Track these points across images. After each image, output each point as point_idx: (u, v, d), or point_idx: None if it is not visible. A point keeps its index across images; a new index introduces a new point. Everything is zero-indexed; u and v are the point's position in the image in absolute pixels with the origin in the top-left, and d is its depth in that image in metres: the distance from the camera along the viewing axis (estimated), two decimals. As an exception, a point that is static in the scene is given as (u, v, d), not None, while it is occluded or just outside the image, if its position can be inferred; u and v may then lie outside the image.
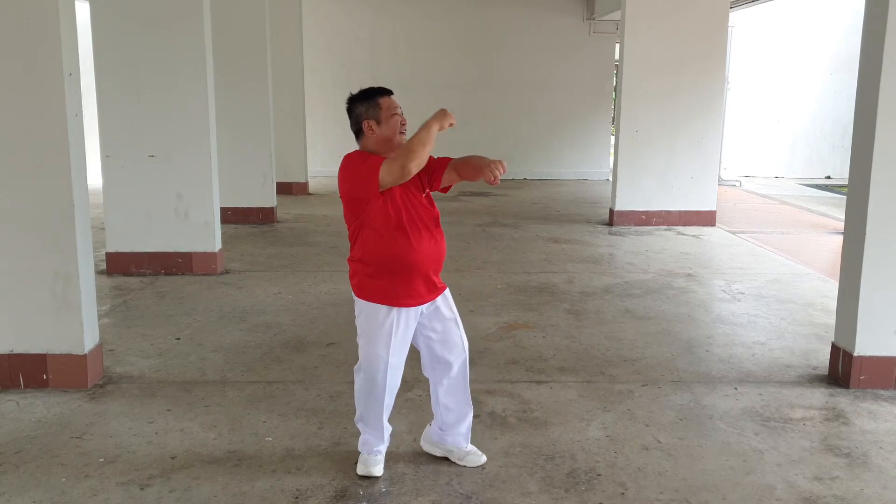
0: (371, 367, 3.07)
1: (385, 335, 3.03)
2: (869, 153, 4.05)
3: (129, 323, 5.24)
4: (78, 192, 3.99)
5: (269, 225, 8.90)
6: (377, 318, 3.03)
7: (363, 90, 3.11)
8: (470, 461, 3.27)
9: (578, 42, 13.53)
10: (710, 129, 9.05)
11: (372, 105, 3.05)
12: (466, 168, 3.06)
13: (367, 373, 3.09)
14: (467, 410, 3.27)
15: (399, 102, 3.10)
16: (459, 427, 3.26)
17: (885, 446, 3.53)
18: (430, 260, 3.04)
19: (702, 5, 8.82)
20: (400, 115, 3.07)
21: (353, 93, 3.13)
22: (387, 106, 3.05)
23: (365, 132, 3.07)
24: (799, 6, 13.91)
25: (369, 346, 3.06)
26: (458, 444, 3.28)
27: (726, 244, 8.18)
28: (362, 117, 3.06)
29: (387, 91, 3.10)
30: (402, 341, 3.07)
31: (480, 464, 3.27)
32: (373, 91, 3.09)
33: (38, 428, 3.60)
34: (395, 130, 3.05)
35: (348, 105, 3.11)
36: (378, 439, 3.19)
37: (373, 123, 3.04)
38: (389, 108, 3.05)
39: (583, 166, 13.90)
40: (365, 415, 3.16)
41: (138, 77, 6.21)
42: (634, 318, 5.43)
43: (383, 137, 3.05)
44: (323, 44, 13.16)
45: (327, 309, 5.57)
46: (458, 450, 3.29)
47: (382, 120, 3.04)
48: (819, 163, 14.68)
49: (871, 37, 4.07)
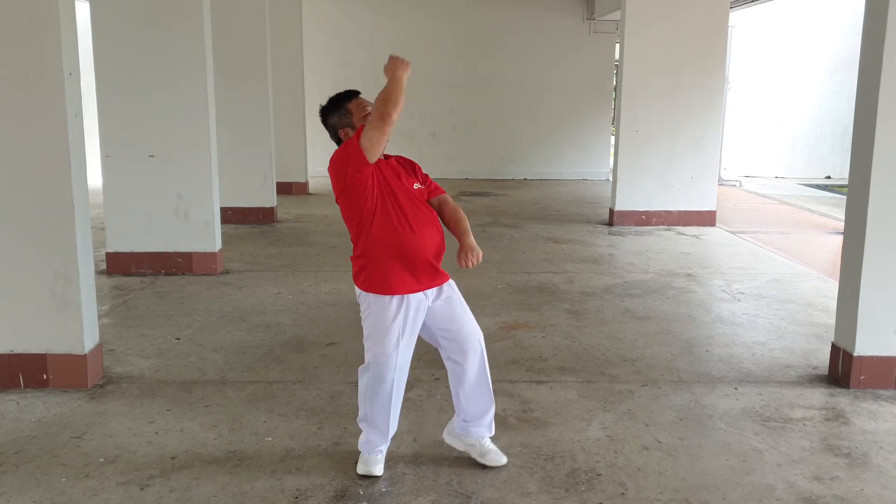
0: (379, 365, 3.06)
1: (393, 329, 3.03)
2: (869, 153, 4.05)
3: (129, 323, 5.24)
4: (78, 192, 3.99)
5: (269, 225, 8.90)
6: (384, 312, 3.03)
7: (331, 99, 3.16)
8: (491, 460, 3.25)
9: (578, 42, 13.53)
10: (710, 129, 9.05)
11: (342, 113, 3.11)
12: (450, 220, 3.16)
13: (374, 371, 3.08)
14: (489, 402, 3.26)
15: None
16: (483, 419, 3.26)
17: (885, 446, 3.53)
18: (429, 244, 3.06)
19: (702, 5, 8.82)
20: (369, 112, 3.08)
21: (322, 104, 3.18)
22: (356, 108, 3.10)
23: (343, 140, 3.11)
24: (799, 6, 13.90)
25: (378, 345, 3.06)
26: (482, 434, 3.27)
27: (726, 244, 8.18)
28: (337, 127, 3.13)
29: (353, 93, 3.14)
30: (409, 335, 3.08)
31: (501, 464, 3.25)
32: (339, 98, 3.13)
33: (38, 428, 3.60)
34: None
35: (321, 118, 3.16)
36: (381, 439, 3.18)
37: (348, 130, 3.10)
38: (360, 110, 3.09)
39: (583, 166, 13.90)
40: (370, 414, 3.15)
41: (138, 77, 6.21)
42: (634, 318, 5.43)
43: None
44: (323, 44, 13.15)
45: (327, 309, 5.57)
46: (480, 444, 3.27)
47: (355, 124, 3.08)
48: (819, 163, 14.67)
49: (871, 37, 4.07)
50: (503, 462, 3.27)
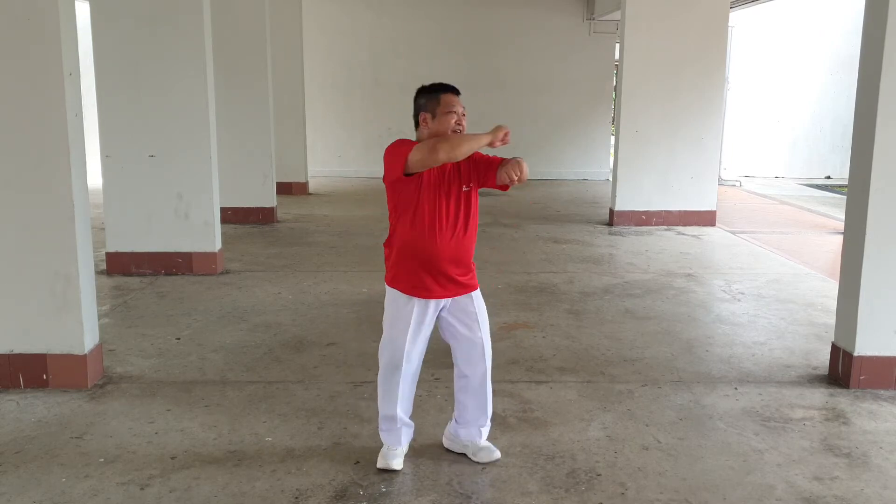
0: (390, 350, 3.17)
1: (404, 323, 3.12)
2: (869, 153, 4.05)
3: (129, 323, 5.24)
4: (78, 192, 3.98)
5: (269, 225, 8.89)
6: (398, 306, 3.13)
7: (434, 84, 3.16)
8: (482, 456, 3.29)
9: (578, 42, 13.53)
10: (710, 129, 9.05)
11: (432, 99, 3.10)
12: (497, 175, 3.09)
13: (388, 355, 3.18)
14: (483, 415, 3.31)
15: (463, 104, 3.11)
16: (474, 425, 3.31)
17: (885, 446, 3.53)
18: (449, 256, 3.08)
19: (702, 5, 8.82)
20: (457, 115, 3.08)
21: (425, 84, 3.18)
22: (445, 102, 3.08)
23: (420, 123, 3.12)
24: (799, 6, 13.90)
25: (391, 330, 3.17)
26: (473, 438, 3.32)
27: (726, 244, 8.18)
28: (421, 109, 3.12)
29: (452, 88, 3.13)
30: (419, 332, 3.14)
31: (493, 459, 3.29)
32: (439, 87, 3.14)
33: (38, 428, 3.60)
34: (448, 128, 3.06)
35: (416, 95, 3.16)
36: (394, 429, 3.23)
37: (428, 116, 3.09)
38: (447, 105, 3.07)
39: (583, 166, 13.90)
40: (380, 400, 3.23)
41: (138, 77, 6.21)
42: (634, 318, 5.43)
43: (435, 132, 3.07)
44: (323, 44, 13.15)
45: (327, 309, 5.57)
46: (473, 444, 3.32)
47: (438, 114, 3.07)
48: (819, 163, 14.67)
49: (871, 37, 4.07)
50: (496, 456, 3.30)
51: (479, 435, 3.33)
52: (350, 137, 13.55)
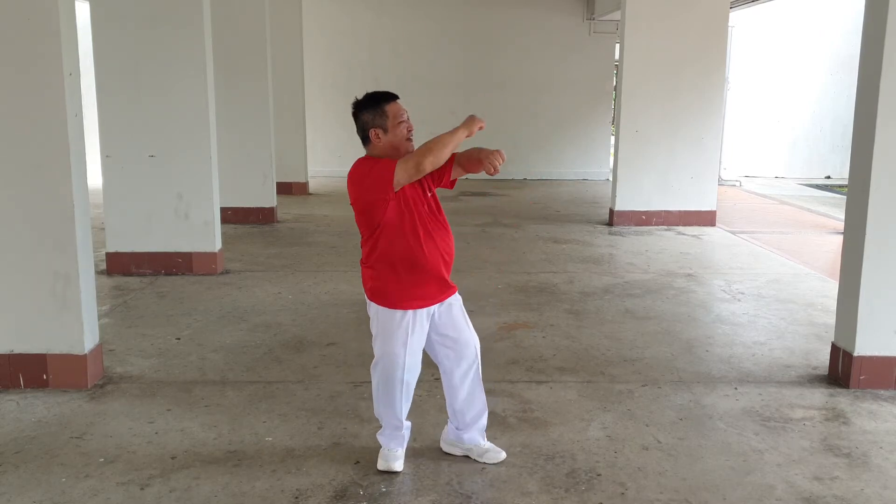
0: (388, 365, 3.10)
1: (402, 336, 3.06)
2: (869, 153, 4.05)
3: (129, 323, 5.24)
4: (78, 192, 3.99)
5: (269, 225, 8.89)
6: (392, 321, 3.06)
7: (368, 95, 3.08)
8: (489, 458, 3.28)
9: (578, 42, 13.52)
10: (709, 129, 9.04)
11: (378, 113, 3.02)
12: (470, 161, 3.08)
13: (384, 370, 3.12)
14: (482, 409, 3.29)
15: (404, 106, 3.08)
16: (475, 425, 3.29)
17: (885, 446, 3.53)
18: (440, 260, 3.06)
19: (702, 5, 8.82)
20: (407, 122, 3.05)
21: (359, 98, 3.09)
22: (393, 113, 3.02)
23: (372, 140, 3.06)
24: (799, 6, 13.90)
25: (386, 345, 3.09)
26: (475, 441, 3.31)
27: (726, 244, 8.18)
28: (369, 125, 3.04)
29: (392, 96, 3.07)
30: (417, 341, 3.10)
31: (500, 460, 3.28)
32: (378, 97, 3.05)
33: (38, 428, 3.60)
34: (403, 138, 3.04)
35: (354, 111, 3.08)
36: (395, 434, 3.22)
37: (380, 132, 3.03)
38: (396, 116, 3.03)
39: (583, 166, 13.89)
40: (383, 412, 3.20)
41: (138, 77, 6.21)
42: (634, 318, 5.43)
43: (390, 145, 3.03)
44: (323, 44, 13.15)
45: (327, 309, 5.57)
46: (477, 447, 3.31)
47: (389, 128, 3.02)
48: (819, 163, 14.67)
49: (870, 37, 4.07)
50: (502, 457, 3.30)
51: (482, 436, 3.32)
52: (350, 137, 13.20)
